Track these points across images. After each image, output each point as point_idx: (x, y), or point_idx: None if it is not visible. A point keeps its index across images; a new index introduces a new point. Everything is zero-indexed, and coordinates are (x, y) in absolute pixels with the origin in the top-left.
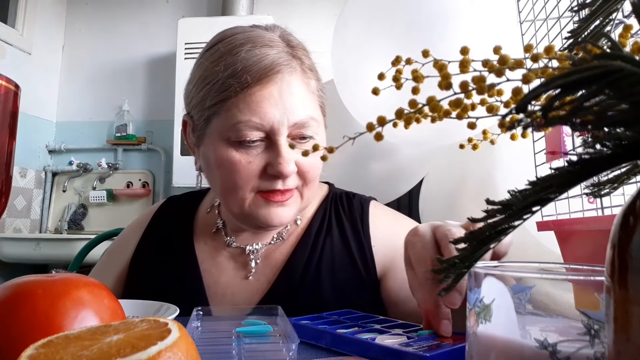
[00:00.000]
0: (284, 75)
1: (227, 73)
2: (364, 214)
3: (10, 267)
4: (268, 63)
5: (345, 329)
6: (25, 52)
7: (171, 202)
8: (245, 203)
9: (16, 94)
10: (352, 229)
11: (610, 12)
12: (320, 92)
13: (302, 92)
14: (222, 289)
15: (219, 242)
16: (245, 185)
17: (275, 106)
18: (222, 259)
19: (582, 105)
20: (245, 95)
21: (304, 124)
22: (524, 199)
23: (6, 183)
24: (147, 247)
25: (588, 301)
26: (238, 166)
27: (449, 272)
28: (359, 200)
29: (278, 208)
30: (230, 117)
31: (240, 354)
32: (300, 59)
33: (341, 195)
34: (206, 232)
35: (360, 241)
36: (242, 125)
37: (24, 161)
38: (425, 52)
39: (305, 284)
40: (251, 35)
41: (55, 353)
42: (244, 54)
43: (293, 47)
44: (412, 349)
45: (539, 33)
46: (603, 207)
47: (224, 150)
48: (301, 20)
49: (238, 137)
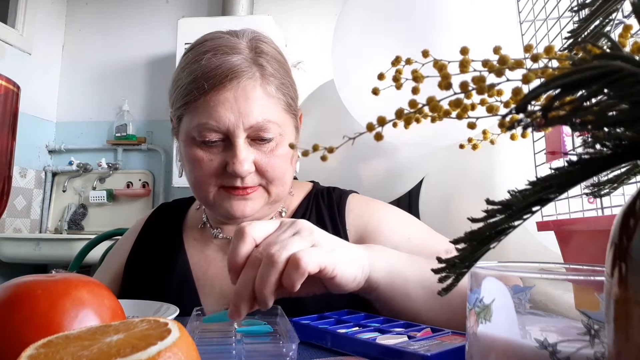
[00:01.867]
0: (241, 81)
1: (190, 79)
2: (341, 203)
3: (10, 267)
4: (224, 70)
5: (346, 329)
6: (25, 52)
7: (163, 207)
8: (210, 196)
9: (16, 94)
10: (330, 218)
11: (610, 12)
12: (286, 97)
13: (260, 97)
14: (211, 280)
15: (207, 236)
16: (208, 180)
17: (231, 110)
18: (210, 252)
19: (582, 105)
20: (205, 100)
21: (260, 127)
22: (524, 199)
23: (6, 183)
24: (140, 248)
25: (588, 301)
26: (201, 163)
27: (449, 272)
28: (339, 193)
29: (240, 201)
30: (192, 119)
31: (240, 354)
32: (262, 65)
33: (323, 191)
34: (195, 228)
35: (337, 230)
36: (201, 127)
37: (24, 161)
38: (425, 52)
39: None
40: (216, 43)
41: (55, 353)
42: (204, 61)
43: (258, 54)
44: (412, 348)
45: (539, 33)
46: (603, 207)
47: (190, 147)
48: (301, 20)
49: (200, 137)
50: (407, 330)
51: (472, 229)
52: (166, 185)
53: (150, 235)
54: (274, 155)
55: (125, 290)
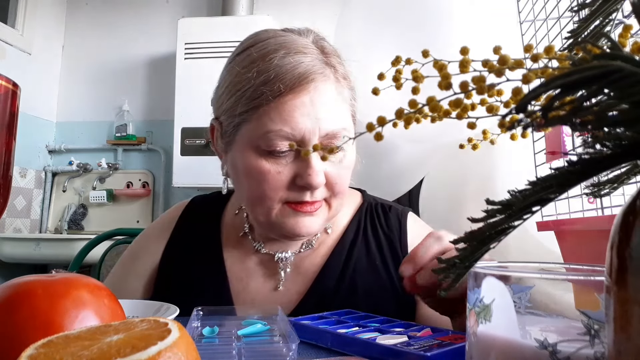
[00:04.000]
0: (317, 83)
1: (260, 80)
2: (401, 226)
3: (10, 267)
4: (302, 71)
5: (346, 329)
6: (25, 52)
7: (196, 204)
8: (272, 212)
9: (16, 94)
10: (388, 241)
11: (610, 12)
12: (353, 102)
13: (335, 102)
14: (252, 296)
15: (248, 247)
16: (274, 195)
17: (307, 116)
18: (252, 264)
19: (582, 105)
20: (278, 103)
21: (335, 134)
22: (524, 199)
23: (6, 183)
24: (175, 252)
25: (588, 301)
26: (267, 176)
27: (449, 272)
28: (396, 213)
29: (306, 217)
30: (261, 125)
31: (240, 354)
32: (334, 67)
33: (376, 206)
34: (234, 236)
35: (397, 254)
36: (272, 134)
37: (24, 161)
38: (425, 52)
39: (339, 296)
40: (284, 41)
41: (55, 353)
42: (277, 60)
43: (327, 54)
44: (412, 348)
45: (539, 33)
46: (603, 207)
47: (253, 158)
48: (301, 21)
49: (268, 147)
50: (407, 330)
51: (472, 229)
52: (166, 185)
53: (185, 237)
54: (343, 167)
55: (159, 298)
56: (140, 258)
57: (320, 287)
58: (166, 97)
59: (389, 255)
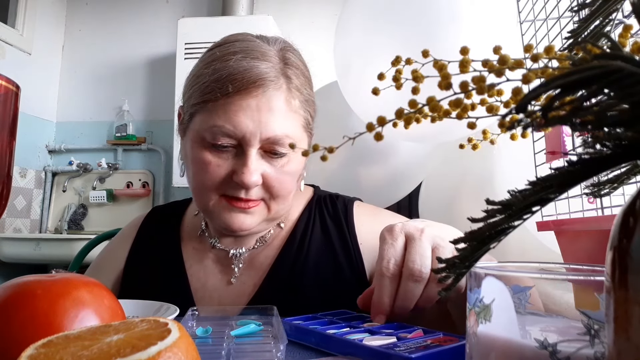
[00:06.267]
0: (267, 90)
1: (214, 77)
2: (348, 214)
3: (10, 267)
4: (253, 76)
5: (337, 329)
6: (25, 52)
7: (156, 212)
8: (210, 202)
9: (16, 94)
10: (337, 229)
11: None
12: (306, 114)
13: (282, 110)
14: (209, 292)
15: (205, 245)
16: (212, 186)
17: (251, 118)
18: (209, 262)
19: (582, 105)
20: (225, 102)
21: (277, 140)
22: (524, 199)
23: (6, 183)
24: (137, 257)
25: (588, 301)
26: (208, 167)
27: (449, 272)
28: (343, 201)
29: (240, 214)
30: (207, 119)
31: (229, 354)
32: (289, 78)
33: (325, 198)
34: (193, 236)
35: (345, 241)
36: (216, 129)
37: (24, 161)
38: (425, 52)
39: (292, 287)
40: (247, 46)
41: (55, 353)
42: (233, 62)
43: (287, 65)
44: (398, 350)
45: (539, 33)
46: (603, 207)
47: (198, 149)
48: (301, 21)
49: (211, 140)
50: (397, 331)
51: (472, 229)
52: (166, 185)
53: (147, 243)
54: (283, 172)
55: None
56: (104, 267)
57: (274, 280)
58: (166, 97)
59: (338, 242)
